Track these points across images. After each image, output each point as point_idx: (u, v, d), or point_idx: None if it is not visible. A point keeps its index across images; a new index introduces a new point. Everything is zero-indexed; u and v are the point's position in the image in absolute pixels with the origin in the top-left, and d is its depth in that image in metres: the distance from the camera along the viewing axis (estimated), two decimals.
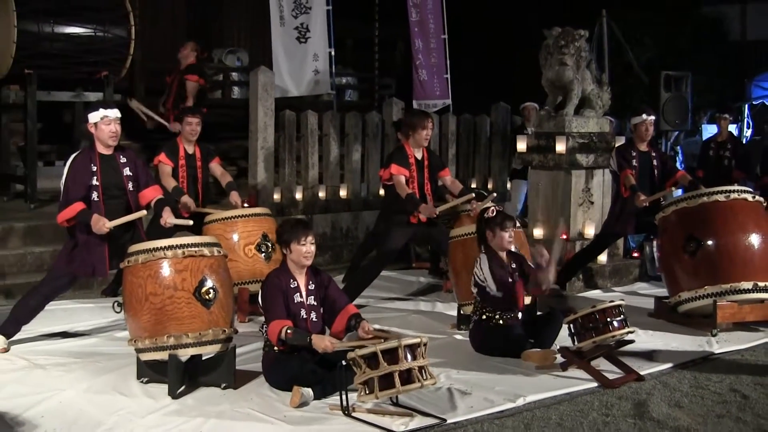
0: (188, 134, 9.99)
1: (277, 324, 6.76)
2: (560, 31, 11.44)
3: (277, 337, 6.75)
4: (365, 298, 10.03)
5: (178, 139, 10.07)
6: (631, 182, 10.28)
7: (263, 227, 9.57)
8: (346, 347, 6.71)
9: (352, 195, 13.38)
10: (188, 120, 9.99)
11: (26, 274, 10.42)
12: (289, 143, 12.87)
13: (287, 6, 14.04)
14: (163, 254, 6.96)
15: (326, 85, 14.51)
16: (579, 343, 7.49)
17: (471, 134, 15.19)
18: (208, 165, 10.14)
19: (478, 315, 8.23)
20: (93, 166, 7.85)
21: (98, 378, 7.34)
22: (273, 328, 6.77)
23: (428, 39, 15.75)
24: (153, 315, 6.90)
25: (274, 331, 6.75)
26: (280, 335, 6.72)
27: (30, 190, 11.85)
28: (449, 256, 9.53)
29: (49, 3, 11.60)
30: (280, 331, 6.72)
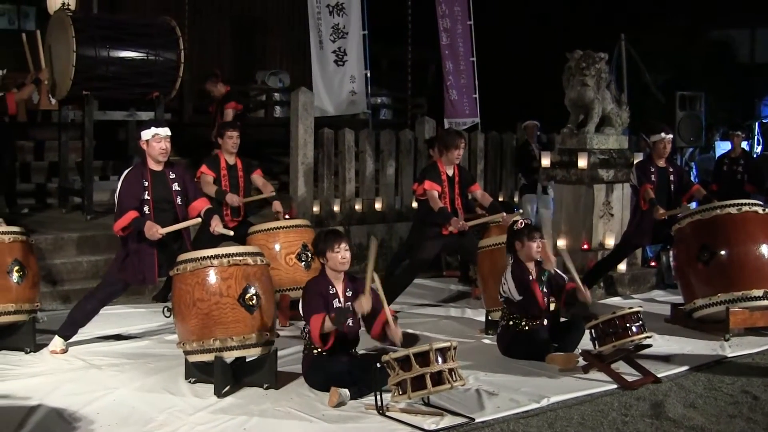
0: (229, 147, 10.01)
1: (317, 317, 6.73)
2: (582, 54, 11.43)
3: (320, 329, 6.70)
4: (399, 304, 10.02)
5: (218, 152, 10.09)
6: (650, 196, 10.22)
7: (303, 238, 9.58)
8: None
9: (386, 207, 13.37)
10: (228, 134, 10.01)
11: (82, 281, 10.47)
12: (328, 159, 12.89)
13: (326, 31, 14.10)
14: (210, 263, 6.98)
15: (362, 105, 14.54)
16: (600, 347, 7.46)
17: (498, 150, 15.17)
18: (249, 176, 10.16)
19: (505, 320, 8.21)
20: (145, 181, 7.90)
21: (149, 378, 7.37)
22: (314, 322, 6.74)
23: (458, 61, 15.74)
24: (200, 319, 6.93)
25: (316, 324, 6.71)
26: (323, 326, 6.68)
27: (87, 202, 11.92)
28: (478, 264, 9.52)
29: (106, 29, 11.66)
30: (322, 321, 6.69)
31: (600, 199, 11.49)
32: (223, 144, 10.03)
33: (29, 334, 8.20)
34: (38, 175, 13.97)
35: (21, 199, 12.78)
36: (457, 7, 15.73)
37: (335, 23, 14.21)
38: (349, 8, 14.24)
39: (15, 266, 8.11)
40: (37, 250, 9.06)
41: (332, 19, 14.20)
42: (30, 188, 13.56)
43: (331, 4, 14.18)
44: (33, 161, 14.26)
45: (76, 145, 12.94)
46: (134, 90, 11.87)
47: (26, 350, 8.13)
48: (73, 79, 11.29)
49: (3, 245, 8.13)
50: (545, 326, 8.12)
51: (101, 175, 13.51)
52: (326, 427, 6.25)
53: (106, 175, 13.69)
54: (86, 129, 11.83)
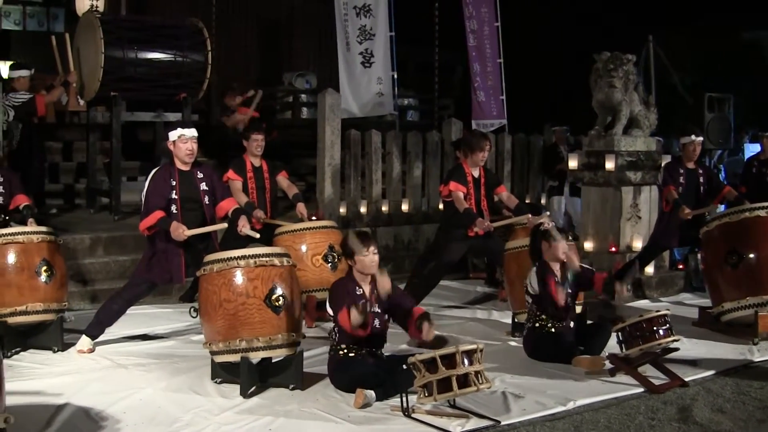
0: (254, 150, 10.04)
1: (344, 311, 6.72)
2: (609, 56, 11.40)
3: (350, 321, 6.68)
4: (425, 305, 9.94)
5: (244, 155, 10.11)
6: (673, 197, 10.18)
7: (330, 239, 9.59)
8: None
9: (413, 209, 13.36)
10: (254, 137, 10.04)
11: (110, 281, 10.52)
12: (355, 160, 12.90)
13: (353, 33, 14.11)
14: (237, 263, 7.00)
15: (389, 107, 14.54)
16: (627, 350, 7.44)
17: (525, 152, 15.14)
18: (275, 178, 10.18)
19: (531, 323, 8.19)
20: (172, 180, 7.93)
21: (175, 378, 7.39)
22: (342, 316, 6.73)
23: (485, 63, 15.73)
24: (226, 320, 6.95)
25: (344, 317, 6.70)
26: (350, 316, 6.66)
27: (114, 203, 11.97)
28: (504, 267, 9.49)
29: (134, 31, 11.70)
30: (349, 312, 6.67)
31: (627, 201, 11.46)
32: (248, 147, 10.06)
33: (57, 334, 8.25)
34: (66, 176, 14.06)
35: (49, 199, 12.86)
36: (484, 9, 15.71)
37: (362, 25, 14.22)
38: (376, 10, 14.26)
39: (43, 266, 8.17)
40: (65, 250, 9.11)
41: (359, 21, 14.21)
42: (58, 189, 13.64)
43: (358, 5, 14.20)
44: (61, 162, 14.34)
45: (104, 146, 13.01)
46: (162, 91, 11.90)
47: (54, 349, 8.18)
48: (101, 80, 11.34)
49: (31, 245, 8.20)
50: (571, 329, 8.10)
51: (128, 176, 13.56)
52: (351, 428, 6.25)
53: (133, 176, 13.75)
54: (114, 130, 11.88)
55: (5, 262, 8.11)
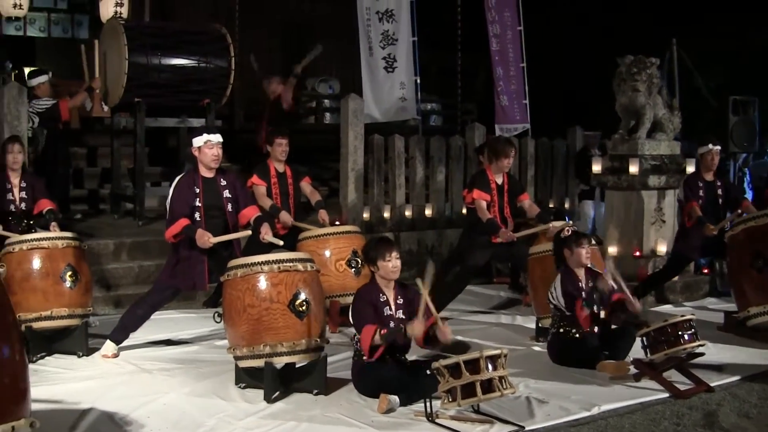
0: (279, 155, 10.03)
1: (369, 329, 6.74)
2: (633, 59, 11.37)
3: (371, 342, 6.71)
4: (449, 311, 10.00)
5: (268, 161, 10.11)
6: (697, 213, 10.14)
7: (353, 244, 9.58)
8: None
9: (436, 214, 13.35)
10: (278, 141, 10.03)
11: (134, 286, 10.56)
12: (378, 165, 12.91)
13: (375, 38, 14.11)
14: (260, 269, 7.01)
15: (412, 111, 14.53)
16: (651, 355, 7.42)
17: (548, 157, 15.10)
18: (299, 183, 10.18)
19: (555, 328, 8.18)
20: (196, 188, 7.94)
21: (199, 383, 7.41)
22: (365, 333, 6.76)
23: (508, 67, 15.69)
24: (250, 325, 6.96)
25: (367, 336, 6.73)
26: (373, 339, 6.69)
27: (138, 208, 12.01)
28: (528, 271, 9.50)
29: (157, 37, 11.75)
30: (373, 334, 6.70)
31: (651, 205, 11.42)
32: (272, 151, 10.06)
33: (82, 338, 8.30)
34: (91, 181, 14.10)
35: (74, 204, 12.90)
36: (507, 13, 15.68)
37: (385, 30, 14.22)
38: (398, 15, 14.25)
39: (68, 271, 8.21)
40: (89, 255, 9.14)
41: (382, 26, 14.21)
42: (83, 194, 13.69)
43: (380, 10, 14.20)
44: (86, 167, 14.39)
45: (128, 151, 13.03)
46: (185, 97, 11.93)
47: (79, 354, 8.23)
48: (125, 86, 11.38)
49: (56, 251, 8.24)
50: (596, 334, 8.07)
51: (152, 181, 13.60)
52: None
53: (157, 181, 13.79)
54: (138, 136, 11.92)
55: (30, 267, 8.15)
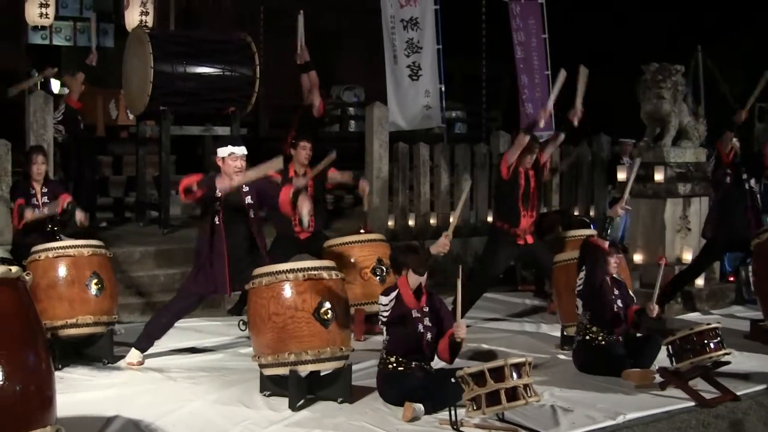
0: (302, 158, 10.00)
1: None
2: (658, 67, 11.34)
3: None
4: (473, 318, 10.01)
5: (290, 164, 10.09)
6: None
7: (378, 252, 9.58)
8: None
9: (461, 222, 13.31)
10: (302, 144, 10.02)
11: (159, 293, 10.57)
12: (403, 173, 12.91)
13: (400, 46, 14.13)
14: (285, 277, 7.02)
15: (437, 119, 14.53)
16: (677, 364, 7.39)
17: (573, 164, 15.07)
18: (320, 187, 10.13)
19: (580, 336, 8.16)
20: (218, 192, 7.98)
21: (224, 390, 7.42)
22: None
23: (533, 75, 15.69)
24: (275, 333, 6.98)
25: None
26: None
27: (163, 216, 12.04)
28: (553, 279, 9.48)
29: (182, 46, 11.79)
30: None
31: (677, 213, 11.37)
32: (296, 155, 10.03)
33: (107, 346, 8.33)
34: (116, 189, 14.19)
35: (99, 212, 12.97)
36: (532, 21, 15.69)
37: (409, 38, 14.23)
38: (423, 23, 14.26)
39: (94, 279, 8.24)
40: (114, 263, 9.18)
41: (406, 34, 14.23)
42: (108, 202, 13.77)
43: (405, 19, 14.21)
44: (111, 175, 14.48)
45: (153, 159, 13.09)
46: (210, 105, 11.97)
47: (104, 362, 8.25)
48: (151, 94, 11.42)
49: (82, 258, 8.27)
50: (621, 341, 8.06)
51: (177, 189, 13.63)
52: None
53: None
54: (163, 144, 11.96)
55: (56, 275, 8.19)
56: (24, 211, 9.24)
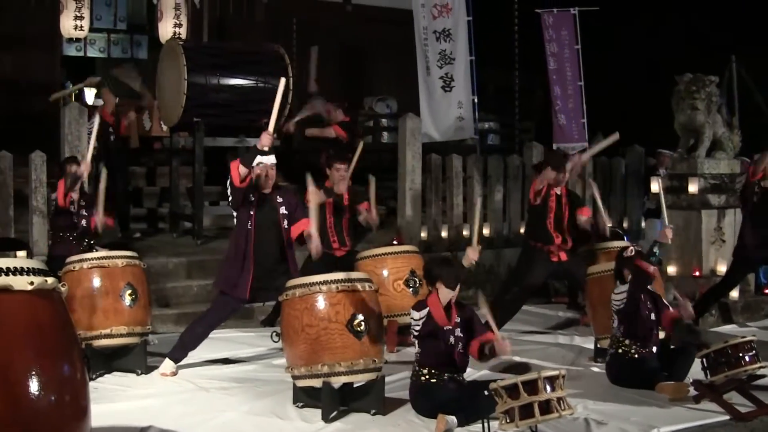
0: (337, 179, 10.03)
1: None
2: (691, 77, 11.31)
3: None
4: (507, 331, 9.93)
5: (326, 183, 10.12)
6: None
7: (411, 263, 9.58)
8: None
9: (494, 233, 13.33)
10: (337, 166, 10.04)
11: (192, 304, 10.63)
12: (435, 185, 12.92)
13: (433, 57, 14.13)
14: (319, 289, 7.04)
15: (470, 131, 14.51)
16: (712, 377, 7.34)
17: (607, 175, 15.02)
18: (355, 206, 10.15)
19: (614, 348, 8.13)
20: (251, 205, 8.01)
21: (257, 401, 7.44)
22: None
23: (566, 86, 15.65)
24: (308, 345, 6.98)
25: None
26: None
27: (197, 227, 12.10)
28: (586, 291, 9.45)
29: (216, 57, 11.85)
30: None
31: (711, 224, 11.33)
32: (331, 175, 10.06)
33: (141, 357, 8.38)
34: (150, 200, 14.26)
35: (133, 223, 13.05)
36: (564, 32, 15.65)
37: (442, 49, 14.23)
38: (456, 34, 14.26)
39: (128, 290, 8.30)
40: (148, 273, 9.23)
41: (439, 45, 14.23)
42: (142, 213, 13.85)
43: (438, 30, 14.22)
44: (145, 186, 14.56)
45: (187, 170, 13.16)
46: (243, 117, 11.99)
47: (138, 372, 8.31)
48: (184, 106, 11.48)
49: (116, 269, 8.33)
50: (655, 354, 8.02)
51: (211, 200, 13.70)
52: None
53: (215, 200, 13.87)
54: (196, 155, 12.01)
55: (91, 286, 8.26)
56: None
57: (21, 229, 10.75)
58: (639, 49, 19.12)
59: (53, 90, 15.03)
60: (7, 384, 4.29)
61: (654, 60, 18.31)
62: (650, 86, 16.64)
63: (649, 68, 18.40)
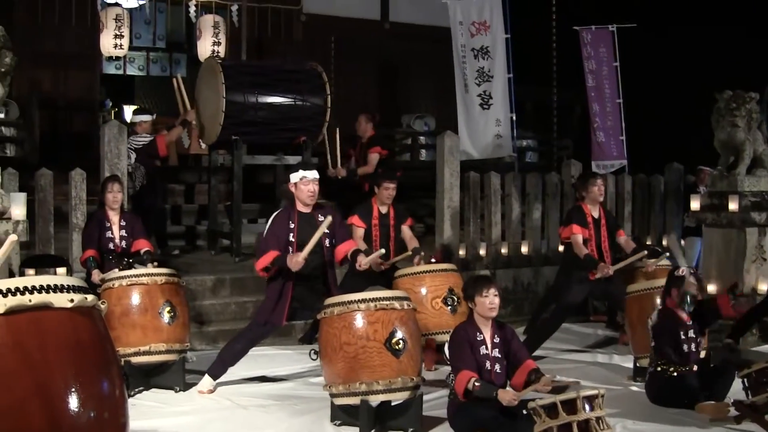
0: (385, 198, 10.03)
1: (465, 375, 6.72)
2: (731, 94, 11.24)
3: (464, 388, 6.71)
4: (545, 349, 9.94)
5: (372, 200, 10.12)
6: None
7: (449, 282, 9.54)
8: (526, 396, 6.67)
9: (532, 251, 13.28)
10: (386, 185, 10.03)
11: (231, 322, 10.65)
12: (474, 202, 12.90)
13: (471, 75, 14.15)
14: (357, 307, 7.03)
15: (508, 148, 14.49)
16: (753, 397, 7.26)
17: (646, 193, 14.95)
18: (400, 225, 10.17)
19: (653, 367, 8.08)
20: (291, 223, 8.00)
21: (295, 419, 7.46)
22: (461, 378, 6.74)
23: (604, 103, 15.62)
24: (347, 363, 6.98)
25: (462, 381, 6.71)
26: (467, 386, 6.68)
27: (235, 244, 12.12)
28: (626, 310, 9.40)
29: (254, 76, 11.89)
30: (467, 382, 6.68)
31: (752, 242, 11.23)
32: (379, 194, 10.05)
33: (179, 374, 8.42)
34: (188, 218, 14.32)
35: (171, 240, 13.09)
36: (603, 49, 15.63)
37: (480, 67, 14.24)
38: (494, 52, 14.27)
39: (166, 307, 8.34)
40: (187, 291, 9.27)
41: (477, 63, 14.24)
42: (180, 230, 13.89)
43: (476, 47, 14.23)
44: (183, 204, 14.62)
45: (225, 188, 13.22)
46: (282, 135, 12.02)
47: (176, 389, 8.35)
48: (223, 124, 11.52)
49: (155, 286, 8.37)
50: (695, 373, 7.96)
51: (249, 218, 13.75)
52: None
53: (253, 218, 13.94)
54: (235, 173, 12.04)
55: (130, 303, 8.30)
56: (91, 268, 9.25)
57: (61, 246, 10.82)
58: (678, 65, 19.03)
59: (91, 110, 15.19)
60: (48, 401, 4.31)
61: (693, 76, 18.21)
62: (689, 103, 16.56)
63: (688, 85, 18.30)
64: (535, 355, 8.92)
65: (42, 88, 16.09)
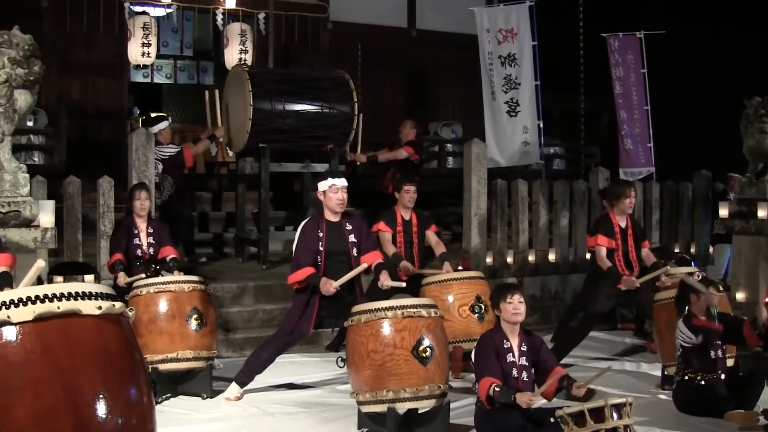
0: (406, 201, 10.06)
1: (487, 381, 6.70)
2: (760, 101, 11.16)
3: (486, 394, 6.69)
4: (573, 357, 9.90)
5: (395, 207, 10.14)
6: None
7: (476, 289, 9.53)
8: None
9: (560, 259, 13.24)
10: (406, 188, 10.06)
11: (258, 329, 10.68)
12: (501, 210, 12.87)
13: (498, 82, 14.15)
14: (384, 314, 7.03)
15: (535, 156, 14.48)
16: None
17: (674, 200, 14.88)
18: (424, 231, 10.17)
19: (681, 375, 8.04)
20: (320, 232, 7.99)
21: (322, 426, 7.46)
22: (483, 385, 6.73)
23: (632, 110, 15.58)
24: (374, 370, 6.98)
25: (483, 388, 6.70)
26: (488, 392, 6.67)
27: (262, 252, 12.15)
28: (654, 318, 9.35)
29: (281, 83, 11.93)
30: (489, 388, 6.66)
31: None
32: (400, 198, 10.09)
33: (206, 381, 8.42)
34: (216, 225, 14.35)
35: (199, 248, 13.13)
36: (630, 56, 15.60)
37: (507, 74, 14.24)
38: (521, 59, 14.27)
39: (194, 314, 8.35)
40: (214, 298, 9.29)
41: (504, 70, 14.25)
42: (208, 238, 13.93)
43: (503, 55, 14.24)
44: (211, 211, 14.66)
45: (253, 196, 13.26)
46: (309, 142, 12.06)
47: (203, 396, 8.35)
48: (250, 132, 11.56)
49: (183, 294, 8.39)
50: (723, 381, 7.91)
51: (276, 225, 13.77)
52: None
53: (281, 225, 13.95)
54: (262, 180, 12.08)
55: (157, 310, 8.33)
56: (117, 271, 9.28)
57: (89, 253, 10.87)
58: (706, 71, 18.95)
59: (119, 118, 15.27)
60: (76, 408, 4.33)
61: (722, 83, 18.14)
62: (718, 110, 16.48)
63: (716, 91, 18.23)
64: (562, 362, 8.88)
65: (70, 97, 16.18)
